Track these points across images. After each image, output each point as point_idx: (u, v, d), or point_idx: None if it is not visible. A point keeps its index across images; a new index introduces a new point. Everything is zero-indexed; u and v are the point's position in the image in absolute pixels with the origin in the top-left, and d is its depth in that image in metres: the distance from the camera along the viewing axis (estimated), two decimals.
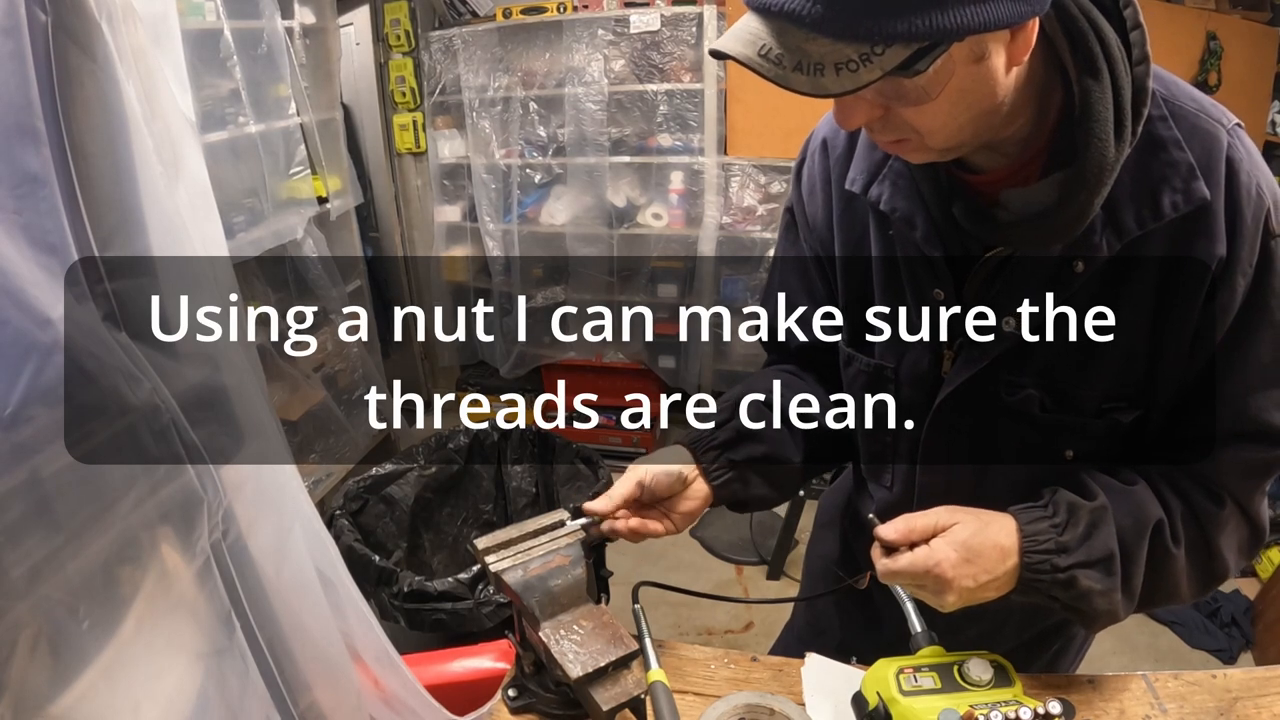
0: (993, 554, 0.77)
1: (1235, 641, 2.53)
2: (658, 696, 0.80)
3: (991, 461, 0.88)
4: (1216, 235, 0.71)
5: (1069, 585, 0.78)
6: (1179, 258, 0.73)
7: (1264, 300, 0.74)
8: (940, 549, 0.76)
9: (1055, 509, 0.79)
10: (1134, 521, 0.79)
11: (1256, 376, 0.76)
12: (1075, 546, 0.78)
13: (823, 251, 0.96)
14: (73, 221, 0.60)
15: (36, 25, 0.56)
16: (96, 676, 0.63)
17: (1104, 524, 0.78)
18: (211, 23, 2.37)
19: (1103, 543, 0.78)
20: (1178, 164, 0.71)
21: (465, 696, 1.26)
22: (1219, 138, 0.72)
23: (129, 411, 0.63)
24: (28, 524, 0.58)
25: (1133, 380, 0.80)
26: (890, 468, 0.99)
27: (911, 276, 0.85)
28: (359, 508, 2.07)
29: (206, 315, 0.73)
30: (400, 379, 4.02)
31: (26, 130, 0.56)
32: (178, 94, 0.72)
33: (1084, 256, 0.75)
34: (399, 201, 3.81)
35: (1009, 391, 0.83)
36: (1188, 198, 0.71)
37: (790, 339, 1.02)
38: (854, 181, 0.86)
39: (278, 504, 0.83)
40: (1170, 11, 2.92)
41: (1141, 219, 0.72)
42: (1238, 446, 0.79)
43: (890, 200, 0.83)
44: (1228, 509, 0.81)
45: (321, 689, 0.89)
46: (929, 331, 0.85)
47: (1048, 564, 0.77)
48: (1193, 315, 0.75)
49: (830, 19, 0.58)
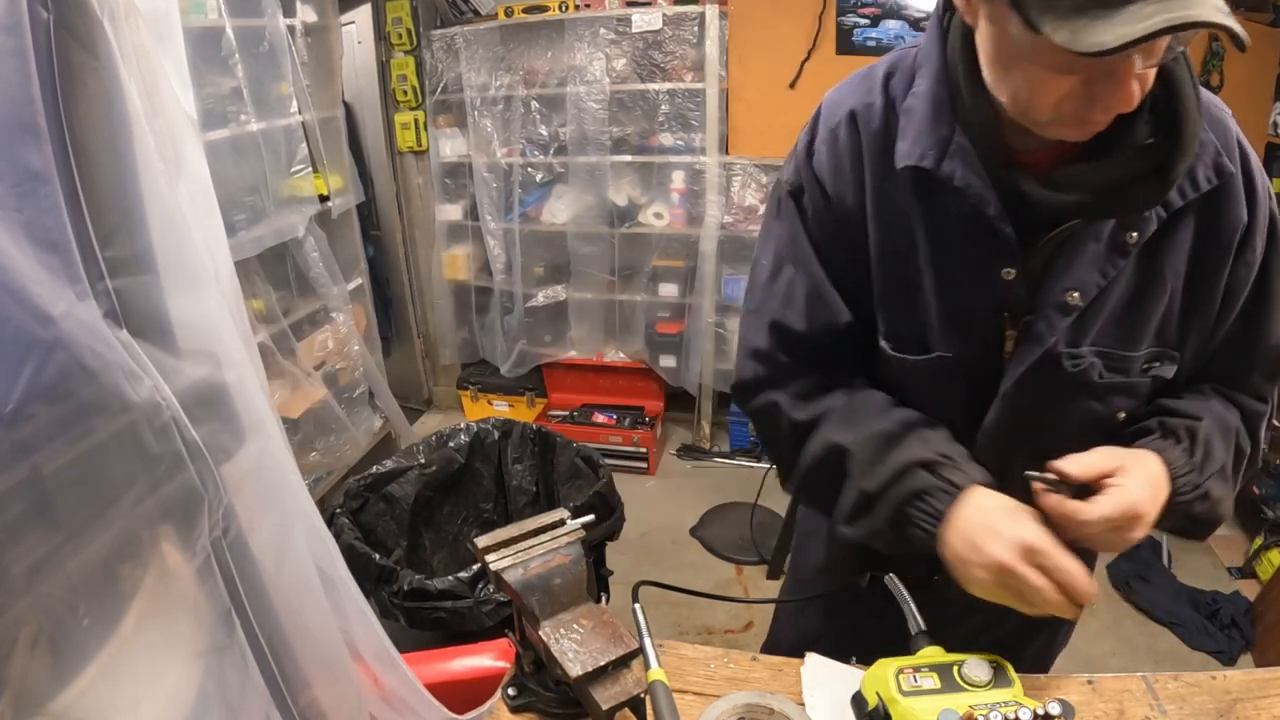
0: (1160, 484, 0.82)
1: (1235, 643, 2.53)
2: (657, 696, 0.80)
3: (1051, 435, 0.87)
4: (1239, 204, 0.83)
5: (1205, 497, 0.86)
6: (1210, 225, 0.83)
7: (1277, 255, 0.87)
8: (1133, 486, 0.79)
9: (1177, 435, 0.87)
10: (1224, 432, 0.89)
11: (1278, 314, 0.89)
12: (1204, 463, 0.86)
13: (851, 234, 0.90)
14: (74, 219, 0.60)
15: (38, 22, 0.56)
16: (96, 674, 0.63)
17: (1214, 438, 0.88)
18: (213, 20, 2.37)
19: (1217, 455, 0.87)
20: (1206, 144, 0.80)
21: (465, 695, 1.26)
22: (1229, 124, 0.84)
23: (130, 409, 0.63)
24: (28, 521, 0.58)
25: (1168, 338, 0.88)
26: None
27: (978, 258, 0.84)
28: (359, 506, 2.07)
29: (207, 313, 0.73)
30: (401, 377, 4.03)
31: (28, 127, 0.56)
32: (179, 92, 0.72)
33: (1137, 228, 0.81)
34: (400, 200, 3.81)
35: (1072, 364, 0.86)
36: (1219, 172, 0.81)
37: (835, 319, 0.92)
38: (924, 157, 0.82)
39: (278, 502, 0.83)
40: None
41: (1184, 191, 0.80)
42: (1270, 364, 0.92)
43: (964, 177, 0.80)
44: (1270, 406, 0.94)
45: (321, 687, 0.89)
46: (987, 322, 0.87)
47: (1189, 485, 0.84)
48: (1223, 274, 0.85)
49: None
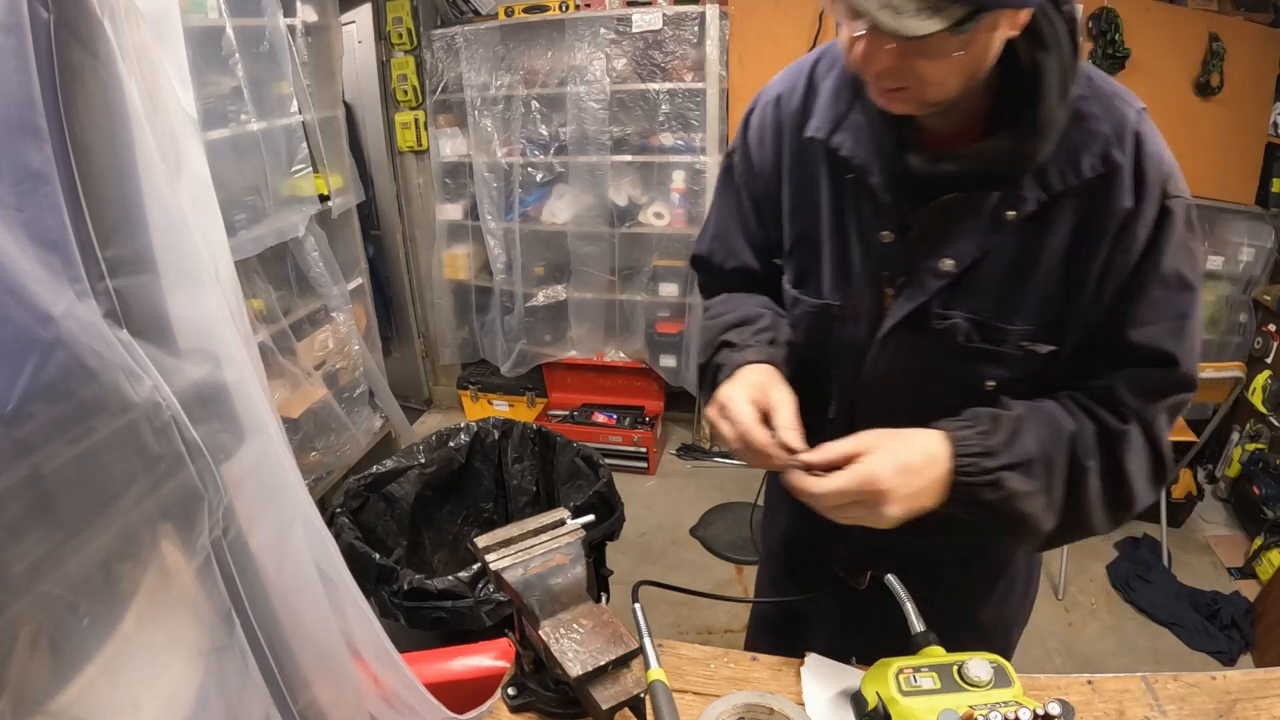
0: (923, 460, 0.83)
1: (1235, 643, 2.53)
2: (657, 695, 0.80)
3: (921, 393, 0.95)
4: (1124, 192, 0.84)
5: (997, 486, 0.84)
6: (1093, 210, 0.85)
7: (1159, 248, 0.85)
8: (873, 461, 0.81)
9: (978, 419, 0.87)
10: (1051, 432, 0.87)
11: (1150, 311, 0.87)
12: (1000, 449, 0.84)
13: (763, 195, 1.06)
14: (74, 218, 0.60)
15: (39, 22, 0.56)
16: (96, 673, 0.63)
17: (1024, 431, 0.86)
18: (214, 20, 2.37)
19: (1024, 447, 0.85)
20: (1096, 134, 0.84)
21: (465, 695, 1.26)
22: (1128, 115, 0.85)
23: (130, 408, 0.63)
24: (28, 520, 0.58)
25: (1047, 317, 0.90)
26: (832, 401, 1.06)
27: (861, 220, 0.95)
28: (359, 505, 2.06)
29: (207, 312, 0.73)
30: (401, 377, 4.03)
31: (28, 127, 0.56)
32: (180, 91, 0.72)
33: (1014, 207, 0.85)
34: (400, 200, 3.82)
35: (939, 323, 0.92)
36: (1104, 161, 0.83)
37: (726, 260, 1.13)
38: (818, 129, 0.95)
39: (278, 501, 0.83)
40: (1173, 13, 2.92)
41: (1064, 177, 0.84)
42: (1135, 369, 0.89)
43: (852, 148, 0.92)
44: (1132, 426, 0.89)
45: (321, 686, 0.89)
46: (876, 270, 0.95)
47: (976, 466, 0.83)
48: (1100, 258, 0.86)
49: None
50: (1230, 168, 3.07)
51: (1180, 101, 2.96)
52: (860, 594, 1.02)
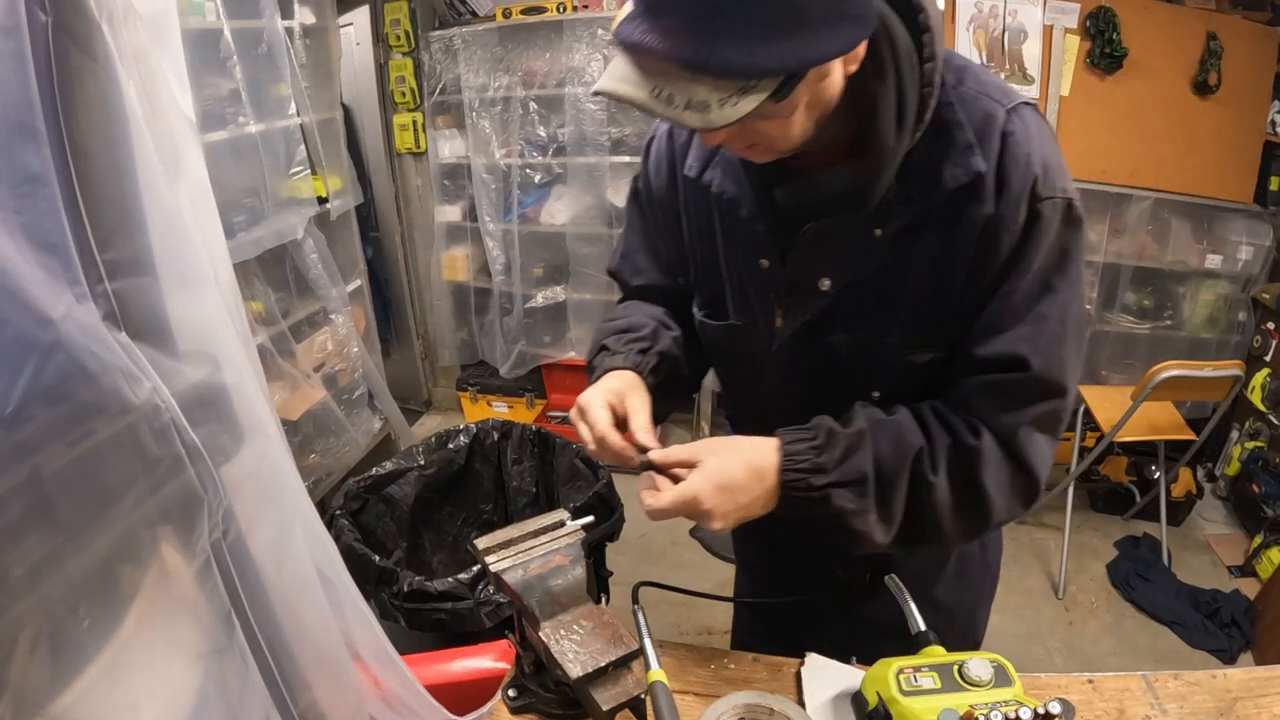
0: (746, 477, 0.85)
1: (1235, 642, 2.53)
2: (658, 696, 0.80)
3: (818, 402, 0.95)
4: (987, 198, 0.83)
5: (824, 503, 0.86)
6: (957, 219, 0.84)
7: (1026, 252, 0.84)
8: (694, 483, 0.84)
9: (817, 433, 0.88)
10: (893, 448, 0.87)
11: (1009, 314, 0.86)
12: (831, 467, 0.86)
13: (665, 221, 1.09)
14: (73, 221, 0.60)
15: (37, 25, 0.56)
16: (97, 675, 0.63)
17: (861, 448, 0.87)
18: (212, 22, 2.37)
19: (857, 465, 0.86)
20: (958, 142, 0.83)
21: (465, 696, 1.26)
22: (996, 115, 0.83)
23: (129, 411, 0.63)
24: (28, 523, 0.58)
25: (925, 326, 0.91)
26: (751, 413, 1.12)
27: (743, 249, 0.98)
28: (359, 507, 2.06)
29: (206, 315, 0.73)
30: (400, 379, 4.02)
31: (27, 129, 0.56)
32: (178, 94, 0.72)
33: (882, 224, 0.87)
34: (399, 201, 3.81)
35: (825, 341, 0.96)
36: (966, 170, 0.82)
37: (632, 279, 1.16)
38: (691, 168, 0.99)
39: (278, 503, 0.83)
40: (1171, 12, 2.92)
41: (926, 190, 0.84)
42: (987, 374, 0.87)
43: (721, 184, 0.96)
44: (985, 440, 0.87)
45: (321, 688, 0.89)
46: (761, 298, 0.99)
47: (804, 482, 0.86)
48: (966, 266, 0.86)
49: (715, 60, 0.67)
50: (1228, 166, 3.07)
51: (1178, 100, 2.97)
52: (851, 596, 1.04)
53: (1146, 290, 3.35)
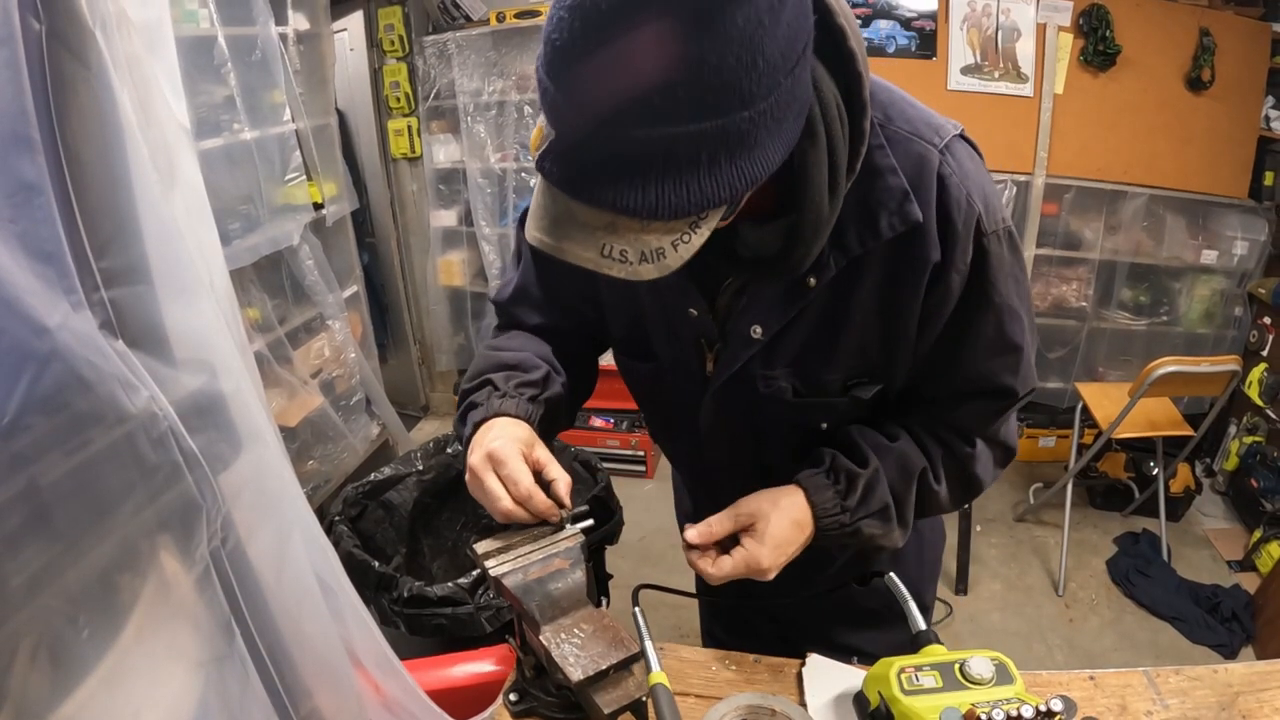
0: (793, 532, 0.90)
1: (1236, 636, 2.54)
2: (659, 698, 0.80)
3: (758, 438, 1.03)
4: (930, 244, 0.82)
5: (855, 534, 0.94)
6: (900, 262, 0.84)
7: (982, 288, 0.86)
8: (754, 549, 0.89)
9: (836, 477, 0.93)
10: (901, 474, 0.95)
11: (985, 348, 0.90)
12: (857, 507, 0.93)
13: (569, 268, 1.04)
14: (68, 229, 0.59)
15: (30, 34, 0.55)
16: (97, 685, 0.62)
17: (879, 484, 0.93)
18: (205, 29, 2.37)
19: (879, 498, 0.93)
20: (893, 189, 0.80)
21: (466, 701, 1.26)
22: (930, 159, 0.81)
23: (127, 419, 0.63)
24: (26, 533, 0.57)
25: (869, 363, 0.93)
26: (685, 447, 1.14)
27: (671, 299, 0.96)
28: (358, 513, 2.06)
29: (203, 322, 0.73)
30: (398, 384, 4.02)
31: (21, 138, 0.56)
32: (172, 101, 0.72)
33: (816, 274, 0.84)
34: (395, 207, 3.81)
35: (764, 384, 0.95)
36: (903, 219, 0.81)
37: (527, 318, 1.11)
38: None
39: (276, 510, 0.83)
40: (1164, 8, 2.93)
41: (863, 239, 0.82)
42: (976, 401, 0.95)
43: None
44: (979, 446, 0.98)
45: (322, 695, 0.89)
46: (690, 342, 0.98)
47: (836, 524, 0.92)
48: (915, 308, 0.87)
49: (665, 206, 0.62)
50: (1223, 161, 3.08)
51: (1172, 96, 2.98)
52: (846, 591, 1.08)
53: (1142, 287, 3.35)
